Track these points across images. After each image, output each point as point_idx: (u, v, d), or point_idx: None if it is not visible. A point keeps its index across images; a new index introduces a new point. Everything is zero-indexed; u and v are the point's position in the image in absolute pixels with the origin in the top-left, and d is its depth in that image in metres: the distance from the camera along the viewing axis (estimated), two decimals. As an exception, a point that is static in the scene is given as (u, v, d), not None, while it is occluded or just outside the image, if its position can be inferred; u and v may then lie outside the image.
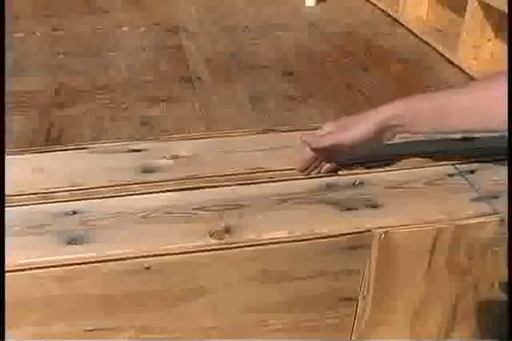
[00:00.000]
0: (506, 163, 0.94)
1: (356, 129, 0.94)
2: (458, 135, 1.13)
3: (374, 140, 0.96)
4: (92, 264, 0.86)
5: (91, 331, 0.93)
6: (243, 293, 0.95)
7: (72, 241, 0.88)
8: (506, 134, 0.88)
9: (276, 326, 1.00)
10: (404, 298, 1.02)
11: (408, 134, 1.04)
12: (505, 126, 0.87)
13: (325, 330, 1.04)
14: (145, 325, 0.95)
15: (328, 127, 0.99)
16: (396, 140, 1.05)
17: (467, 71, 2.28)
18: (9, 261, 0.84)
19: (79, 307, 0.90)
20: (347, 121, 0.97)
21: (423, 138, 1.11)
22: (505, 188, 0.94)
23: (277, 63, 2.19)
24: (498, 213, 0.95)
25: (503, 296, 1.02)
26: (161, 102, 1.88)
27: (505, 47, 2.25)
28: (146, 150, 1.11)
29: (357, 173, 1.03)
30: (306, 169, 1.02)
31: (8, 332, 0.84)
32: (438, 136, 1.11)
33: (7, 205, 0.94)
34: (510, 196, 0.93)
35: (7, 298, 0.82)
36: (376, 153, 1.05)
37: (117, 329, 0.94)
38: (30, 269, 0.85)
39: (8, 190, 0.96)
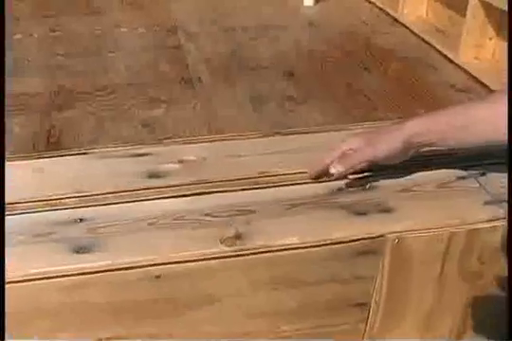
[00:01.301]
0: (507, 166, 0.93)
1: (383, 147, 0.95)
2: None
3: (399, 157, 0.97)
4: (101, 274, 0.84)
5: (101, 340, 0.91)
6: (254, 300, 0.93)
7: (79, 249, 0.86)
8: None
9: (287, 333, 0.98)
10: (415, 304, 1.01)
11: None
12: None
13: (336, 335, 1.02)
14: (155, 333, 0.93)
15: (353, 143, 0.98)
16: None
17: (469, 70, 2.27)
18: (15, 272, 0.82)
19: (87, 317, 0.88)
20: (372, 138, 0.97)
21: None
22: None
23: (277, 64, 2.17)
24: (511, 216, 0.93)
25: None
26: (162, 103, 1.86)
27: (507, 46, 2.24)
28: (152, 154, 1.09)
29: (368, 176, 1.02)
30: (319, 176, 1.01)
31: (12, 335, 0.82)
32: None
33: (11, 213, 0.92)
34: (510, 198, 0.92)
35: (15, 308, 0.80)
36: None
37: (127, 337, 0.92)
38: (37, 279, 0.83)
39: (11, 198, 0.94)
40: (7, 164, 0.96)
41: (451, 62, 2.30)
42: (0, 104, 1.16)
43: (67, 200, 0.97)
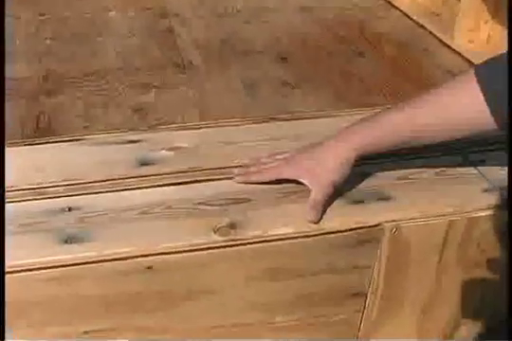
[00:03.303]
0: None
1: (336, 181, 0.90)
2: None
3: None
4: (91, 264, 0.81)
5: (90, 332, 0.89)
6: (248, 291, 0.91)
7: (69, 239, 0.84)
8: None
9: (283, 323, 0.97)
10: (413, 293, 1.00)
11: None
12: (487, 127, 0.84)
13: (332, 326, 1.01)
14: (147, 326, 0.91)
15: (300, 180, 0.93)
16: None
17: (464, 54, 2.24)
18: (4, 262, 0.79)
19: (77, 308, 0.86)
20: (316, 175, 0.91)
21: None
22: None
23: (270, 49, 2.12)
24: (511, 204, 0.91)
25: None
26: (153, 89, 1.82)
27: (502, 30, 2.21)
28: (143, 141, 1.06)
29: (365, 164, 0.99)
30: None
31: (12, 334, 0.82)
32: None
33: None
34: (510, 193, 0.90)
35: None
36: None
37: (117, 330, 0.90)
38: (26, 270, 0.80)
39: (0, 186, 0.92)
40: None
41: (446, 45, 2.26)
42: (0, 100, 1.13)
43: (56, 188, 0.94)
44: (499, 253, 0.96)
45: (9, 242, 0.83)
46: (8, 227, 0.85)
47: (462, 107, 0.85)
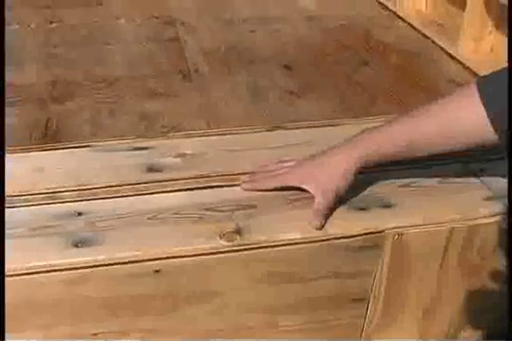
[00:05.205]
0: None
1: (341, 191, 0.93)
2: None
3: None
4: (100, 268, 0.83)
5: (98, 334, 0.91)
6: (253, 295, 0.93)
7: (78, 243, 0.85)
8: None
9: (286, 327, 0.98)
10: (415, 299, 1.01)
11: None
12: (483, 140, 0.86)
13: (335, 330, 1.02)
14: (154, 328, 0.92)
15: (306, 188, 0.95)
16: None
17: (467, 64, 2.25)
18: (14, 265, 0.81)
19: (85, 311, 0.88)
20: (323, 183, 0.93)
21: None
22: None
23: (276, 57, 2.14)
24: (511, 212, 0.93)
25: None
26: (160, 96, 1.84)
27: (506, 40, 2.22)
28: (151, 148, 1.08)
29: (368, 171, 1.01)
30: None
31: (12, 335, 0.82)
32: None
33: (9, 206, 0.92)
34: (510, 195, 0.91)
35: (12, 302, 0.79)
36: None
37: (124, 332, 0.92)
38: (36, 273, 0.82)
39: (10, 191, 0.94)
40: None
41: (451, 55, 2.28)
42: (0, 101, 1.15)
43: (66, 193, 0.96)
44: (499, 260, 0.98)
45: (20, 245, 0.85)
46: (18, 231, 0.87)
47: (463, 120, 0.87)
